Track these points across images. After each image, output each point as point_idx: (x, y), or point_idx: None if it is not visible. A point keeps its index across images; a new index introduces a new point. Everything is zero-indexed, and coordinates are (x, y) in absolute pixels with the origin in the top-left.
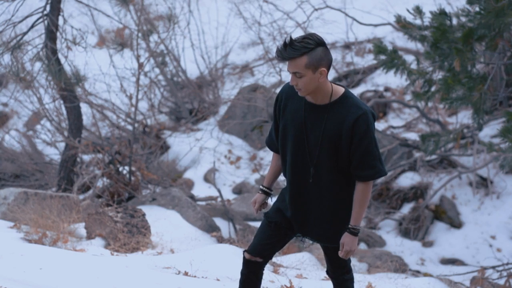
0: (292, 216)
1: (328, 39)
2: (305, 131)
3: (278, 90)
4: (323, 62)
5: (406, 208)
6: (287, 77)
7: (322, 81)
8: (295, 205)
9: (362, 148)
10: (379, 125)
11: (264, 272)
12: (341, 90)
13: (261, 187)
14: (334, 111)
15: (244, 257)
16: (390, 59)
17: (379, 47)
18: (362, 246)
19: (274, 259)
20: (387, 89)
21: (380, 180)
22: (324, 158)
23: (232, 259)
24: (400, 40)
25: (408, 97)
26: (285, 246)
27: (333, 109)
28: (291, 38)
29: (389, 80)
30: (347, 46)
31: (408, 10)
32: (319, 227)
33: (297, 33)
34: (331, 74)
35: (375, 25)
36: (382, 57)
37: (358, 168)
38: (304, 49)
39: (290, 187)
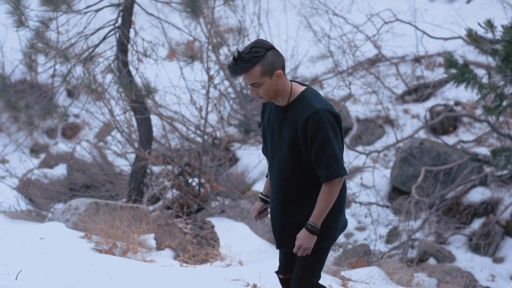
0: (273, 224)
1: (398, 52)
2: (274, 134)
3: (347, 103)
4: (276, 65)
5: (477, 224)
6: (356, 90)
7: (280, 84)
8: (274, 212)
9: (315, 147)
10: (449, 139)
11: (333, 286)
12: (300, 89)
13: (260, 195)
14: (291, 112)
15: (278, 277)
16: (461, 73)
17: (449, 61)
18: (432, 261)
19: (343, 273)
20: (457, 103)
21: (450, 194)
22: (287, 158)
23: None
24: (471, 54)
25: (479, 112)
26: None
27: (290, 109)
28: (238, 51)
29: (459, 94)
30: (417, 60)
31: (479, 24)
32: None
33: (367, 47)
34: (401, 87)
35: (446, 39)
36: (453, 71)
37: (315, 167)
38: (255, 59)
39: (271, 190)
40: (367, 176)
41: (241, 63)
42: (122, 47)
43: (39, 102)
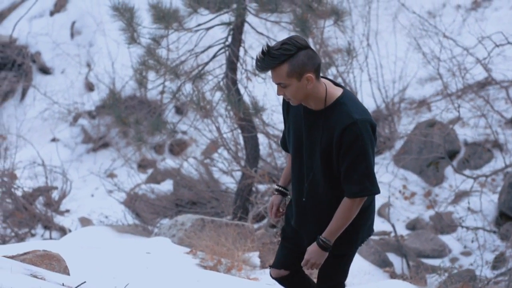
0: (297, 228)
1: (508, 76)
2: (302, 138)
3: (455, 127)
4: (307, 67)
5: None
6: (465, 113)
7: (311, 88)
8: (297, 215)
9: (348, 160)
10: None
11: None
12: (337, 93)
13: (276, 186)
14: (327, 119)
15: (271, 276)
16: None
17: None
18: None
19: None
20: None
21: None
22: (318, 168)
23: None
24: None
25: None
26: None
27: (326, 116)
28: (268, 45)
29: None
30: None
31: None
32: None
33: (477, 70)
34: (510, 112)
35: None
36: None
37: (344, 181)
38: (283, 56)
39: (293, 194)
40: (474, 201)
41: (268, 58)
42: (232, 65)
43: (148, 118)
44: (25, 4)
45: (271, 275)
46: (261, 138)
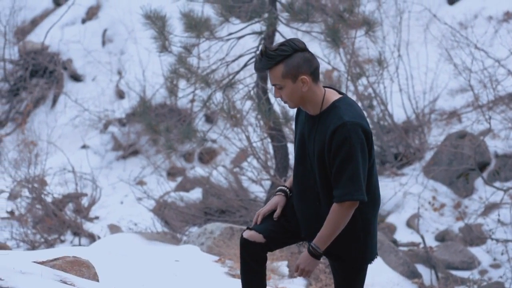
0: (302, 230)
1: None
2: (305, 145)
3: (486, 138)
4: (302, 69)
5: None
6: (495, 125)
7: (306, 91)
8: (301, 224)
9: (336, 163)
10: None
11: None
12: (333, 98)
13: (282, 187)
14: (321, 123)
15: (242, 237)
16: None
17: None
18: None
19: None
20: None
21: None
22: (317, 174)
23: None
24: None
25: None
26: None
27: (321, 120)
28: (266, 47)
29: None
30: None
31: None
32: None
33: (508, 81)
34: None
35: None
36: None
37: (333, 185)
38: (279, 57)
39: (295, 202)
40: (504, 213)
41: (265, 59)
42: (262, 74)
43: (178, 126)
44: (57, 12)
45: (242, 236)
46: (291, 147)
